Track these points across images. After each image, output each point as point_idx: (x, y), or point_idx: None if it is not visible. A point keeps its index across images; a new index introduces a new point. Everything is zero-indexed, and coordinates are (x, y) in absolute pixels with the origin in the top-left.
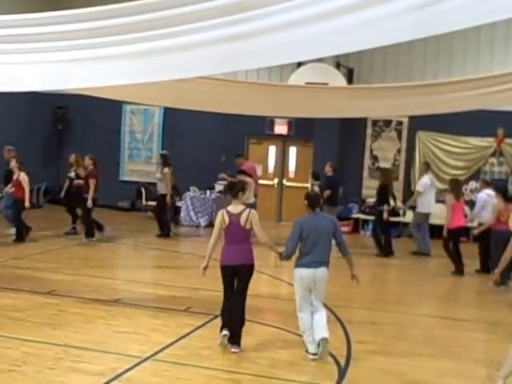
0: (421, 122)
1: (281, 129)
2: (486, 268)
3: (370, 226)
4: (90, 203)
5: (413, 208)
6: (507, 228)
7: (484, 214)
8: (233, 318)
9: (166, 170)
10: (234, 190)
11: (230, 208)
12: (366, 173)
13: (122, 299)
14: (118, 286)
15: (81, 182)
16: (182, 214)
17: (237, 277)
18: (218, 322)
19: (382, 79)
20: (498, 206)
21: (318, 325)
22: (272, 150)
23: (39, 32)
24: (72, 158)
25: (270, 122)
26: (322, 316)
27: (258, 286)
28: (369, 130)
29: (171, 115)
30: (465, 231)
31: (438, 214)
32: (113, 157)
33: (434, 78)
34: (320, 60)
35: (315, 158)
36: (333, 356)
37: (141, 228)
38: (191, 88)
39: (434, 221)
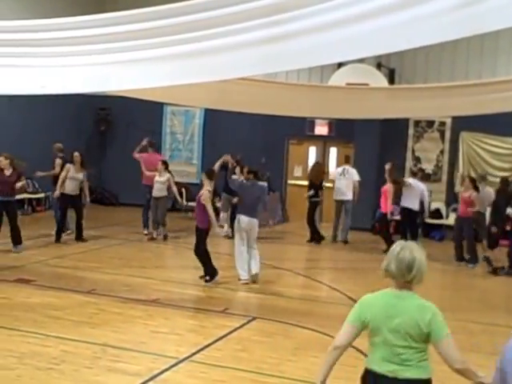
0: (464, 123)
1: (321, 129)
2: None
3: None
4: None
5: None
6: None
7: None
8: None
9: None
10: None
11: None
12: (407, 174)
13: (160, 299)
14: (157, 286)
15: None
16: (221, 215)
17: None
18: (256, 323)
19: (424, 79)
20: (475, 196)
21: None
22: (312, 151)
23: (82, 35)
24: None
25: (310, 122)
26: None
27: (296, 287)
28: (411, 131)
29: (212, 116)
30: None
31: None
32: None
33: (478, 77)
34: (361, 60)
35: (356, 159)
36: None
37: (181, 228)
38: (232, 89)
39: None
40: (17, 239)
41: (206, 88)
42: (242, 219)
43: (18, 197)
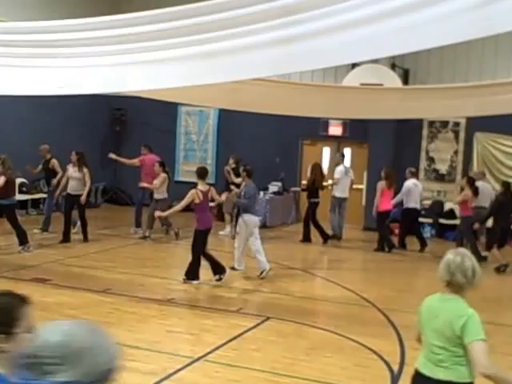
0: (479, 123)
1: (335, 130)
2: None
3: (426, 229)
4: None
5: None
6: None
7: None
8: None
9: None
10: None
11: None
12: (421, 174)
13: (175, 299)
14: (172, 286)
15: None
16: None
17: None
18: (270, 323)
19: (439, 80)
20: (467, 194)
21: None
22: (326, 152)
23: (98, 36)
24: None
25: (324, 123)
26: None
27: (310, 288)
28: (425, 131)
29: (226, 116)
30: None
31: None
32: (168, 158)
33: (493, 78)
34: (375, 61)
35: (370, 160)
36: (386, 362)
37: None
38: (246, 89)
39: None
40: (22, 239)
41: (220, 88)
42: (254, 219)
43: (35, 197)
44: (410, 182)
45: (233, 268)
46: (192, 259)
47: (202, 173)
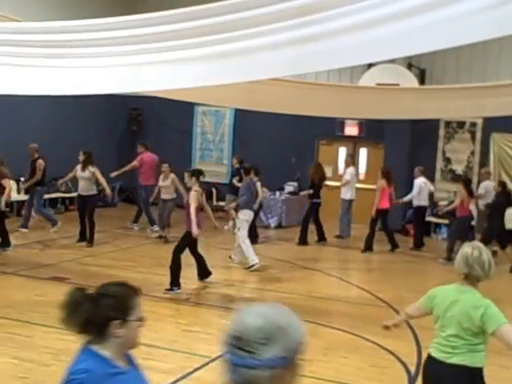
0: (496, 124)
1: (351, 130)
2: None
3: (443, 230)
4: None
5: None
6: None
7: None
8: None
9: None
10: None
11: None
12: (438, 175)
13: (191, 298)
14: (189, 285)
15: None
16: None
17: None
18: None
19: (456, 80)
20: (462, 194)
21: None
22: (342, 152)
23: (114, 36)
24: None
25: (340, 123)
26: None
27: (325, 287)
28: (441, 132)
29: (242, 116)
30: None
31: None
32: (185, 158)
33: (510, 78)
34: (391, 61)
35: (386, 160)
36: (403, 363)
37: (212, 228)
38: (262, 89)
39: None
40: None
41: (236, 88)
42: (250, 214)
43: (52, 196)
44: (420, 181)
45: (249, 267)
46: (171, 265)
47: (198, 174)
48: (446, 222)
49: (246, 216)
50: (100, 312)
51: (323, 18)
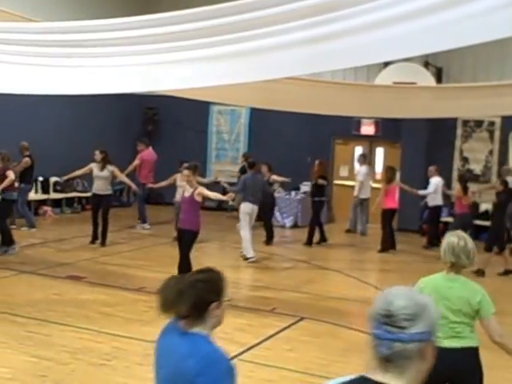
0: None
1: (368, 129)
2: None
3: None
4: None
5: None
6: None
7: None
8: None
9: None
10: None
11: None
12: (455, 175)
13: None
14: None
15: None
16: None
17: None
18: (304, 324)
19: (473, 78)
20: (458, 191)
21: None
22: (358, 151)
23: (130, 36)
24: None
25: (356, 122)
26: None
27: (344, 288)
28: (459, 131)
29: (257, 115)
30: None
31: None
32: (200, 157)
33: None
34: (408, 59)
35: (403, 159)
36: None
37: (227, 228)
38: (278, 88)
39: None
40: (5, 239)
41: (251, 87)
42: (247, 206)
43: (68, 195)
44: (436, 180)
45: (246, 259)
46: (183, 265)
47: (195, 169)
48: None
49: (244, 209)
50: (203, 296)
51: (337, 17)
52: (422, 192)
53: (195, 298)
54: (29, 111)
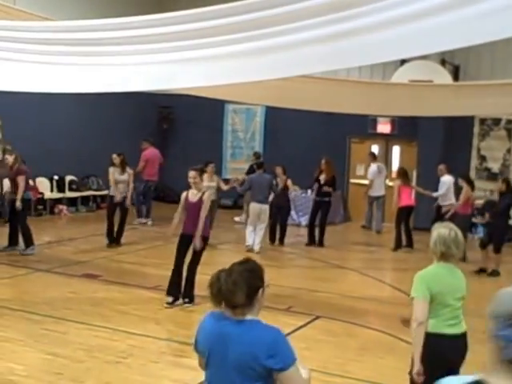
0: None
1: (384, 128)
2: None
3: (479, 229)
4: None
5: None
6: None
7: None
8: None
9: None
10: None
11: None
12: (473, 173)
13: None
14: None
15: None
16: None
17: None
18: (320, 322)
19: (491, 76)
20: (467, 192)
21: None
22: (374, 150)
23: (146, 34)
24: None
25: (372, 120)
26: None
27: (360, 287)
28: (476, 129)
29: (273, 114)
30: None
31: None
32: (215, 156)
33: None
34: (424, 57)
35: (419, 158)
36: None
37: (242, 226)
38: (293, 87)
39: None
40: (27, 241)
41: (266, 85)
42: (254, 206)
43: (84, 194)
44: (447, 179)
45: (249, 250)
46: (191, 277)
47: (203, 171)
48: (483, 221)
49: (252, 209)
50: (253, 284)
51: (356, 15)
52: (435, 194)
53: (248, 286)
54: (42, 110)
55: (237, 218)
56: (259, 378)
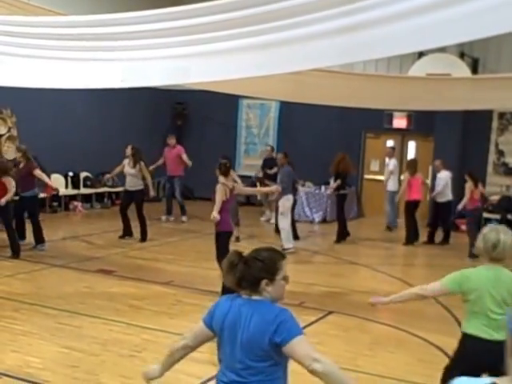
0: None
1: (400, 122)
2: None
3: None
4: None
5: None
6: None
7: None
8: None
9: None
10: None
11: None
12: (490, 168)
13: None
14: None
15: None
16: (296, 210)
17: None
18: (332, 318)
19: (510, 68)
20: (470, 188)
21: None
22: (390, 145)
23: (159, 28)
24: None
25: (388, 115)
26: None
27: (372, 282)
28: (494, 123)
29: (287, 109)
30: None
31: None
32: (229, 152)
33: None
34: (442, 50)
35: (436, 153)
36: (449, 357)
37: (255, 222)
38: (308, 81)
39: None
40: (38, 237)
41: (281, 80)
42: (290, 198)
43: (98, 190)
44: (444, 174)
45: (283, 249)
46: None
47: (225, 169)
48: (498, 217)
49: (287, 201)
50: (251, 272)
51: (371, 6)
52: (434, 193)
53: (242, 273)
54: (57, 107)
55: (262, 218)
56: (268, 357)
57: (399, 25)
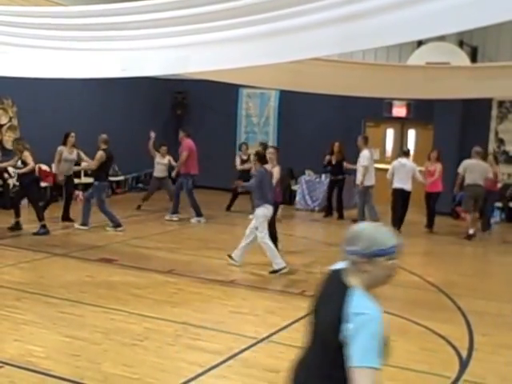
0: None
1: (399, 111)
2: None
3: (496, 213)
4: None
5: None
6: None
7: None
8: None
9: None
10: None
11: None
12: (490, 157)
13: (237, 280)
14: (235, 268)
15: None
16: (297, 198)
17: None
18: None
19: (510, 57)
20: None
21: None
22: (390, 134)
23: (160, 17)
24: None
25: (388, 104)
26: None
27: None
28: (494, 112)
29: (287, 98)
30: None
31: None
32: (229, 141)
33: None
34: (441, 38)
35: (435, 142)
36: (454, 347)
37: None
38: (308, 70)
39: None
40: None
41: (281, 69)
42: (262, 210)
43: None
44: (397, 162)
45: (275, 271)
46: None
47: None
48: (500, 205)
49: (257, 212)
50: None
51: None
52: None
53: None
54: (57, 97)
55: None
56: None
57: (400, 13)
